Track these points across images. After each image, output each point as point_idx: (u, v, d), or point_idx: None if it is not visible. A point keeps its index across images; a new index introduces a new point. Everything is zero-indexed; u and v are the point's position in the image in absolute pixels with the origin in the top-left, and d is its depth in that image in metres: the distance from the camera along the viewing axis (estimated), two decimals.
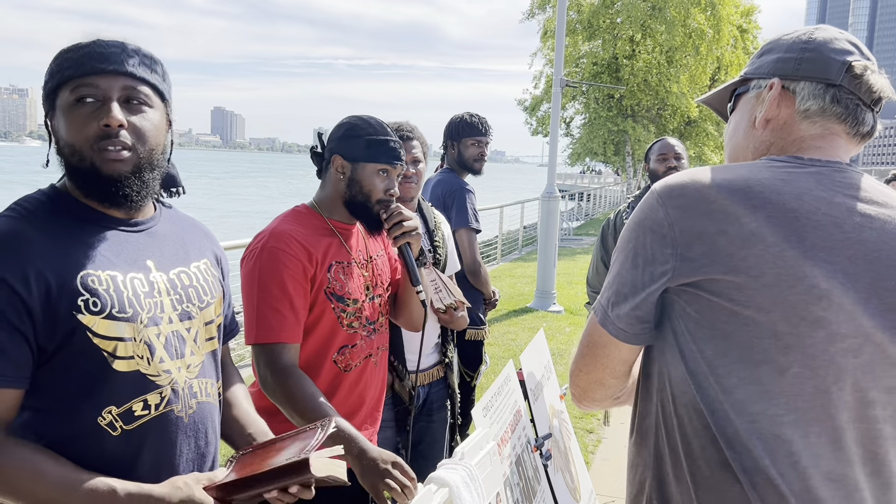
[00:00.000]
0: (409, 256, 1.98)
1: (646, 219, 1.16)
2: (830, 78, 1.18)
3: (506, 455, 1.72)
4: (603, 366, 1.27)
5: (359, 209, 1.96)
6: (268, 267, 1.83)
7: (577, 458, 2.32)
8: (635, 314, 1.18)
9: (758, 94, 1.27)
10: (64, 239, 1.25)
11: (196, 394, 1.37)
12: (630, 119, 26.99)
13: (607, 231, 3.62)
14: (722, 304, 1.09)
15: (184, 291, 1.39)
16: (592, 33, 25.96)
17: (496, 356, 6.49)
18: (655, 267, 1.14)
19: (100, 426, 1.24)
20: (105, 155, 1.25)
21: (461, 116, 3.72)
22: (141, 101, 1.30)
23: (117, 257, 1.30)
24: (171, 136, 1.43)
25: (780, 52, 1.25)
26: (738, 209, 1.08)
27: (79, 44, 1.28)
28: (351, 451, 1.64)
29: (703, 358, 1.12)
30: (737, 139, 1.33)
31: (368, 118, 1.97)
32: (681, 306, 1.14)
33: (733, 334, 1.09)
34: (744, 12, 29.87)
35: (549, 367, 2.32)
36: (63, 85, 1.26)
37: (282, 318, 1.81)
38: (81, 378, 1.23)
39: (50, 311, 1.20)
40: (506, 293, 9.87)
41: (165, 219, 1.46)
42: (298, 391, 1.75)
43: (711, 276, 1.09)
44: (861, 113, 1.20)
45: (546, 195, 9.48)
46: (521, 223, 15.57)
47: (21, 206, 1.28)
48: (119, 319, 1.25)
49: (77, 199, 1.30)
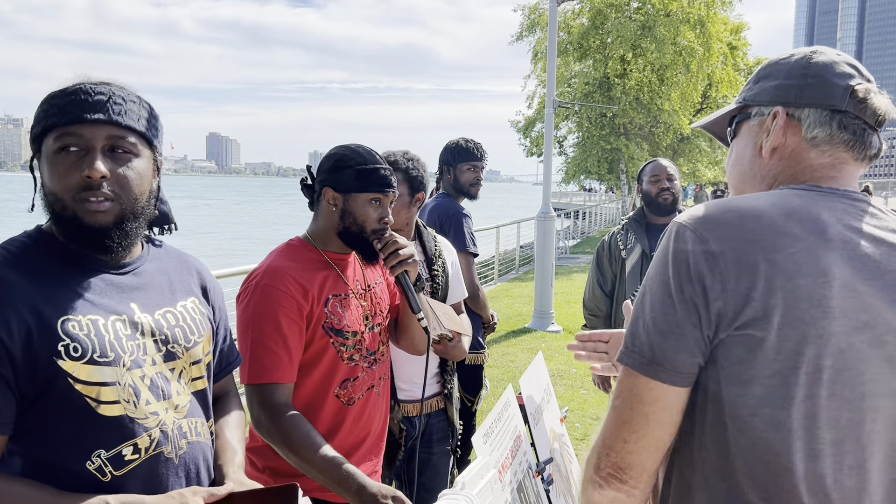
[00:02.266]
0: (408, 284, 1.96)
1: (680, 252, 1.09)
2: (835, 104, 1.16)
3: (507, 482, 1.69)
4: (659, 421, 1.11)
5: (354, 240, 1.94)
6: (262, 305, 1.81)
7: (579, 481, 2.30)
8: (685, 355, 1.09)
9: (760, 122, 1.25)
10: (46, 283, 1.24)
11: (186, 434, 1.35)
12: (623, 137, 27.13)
13: (602, 253, 3.62)
14: (766, 339, 1.04)
15: (169, 332, 1.37)
16: (583, 53, 26.18)
17: (495, 378, 6.46)
18: (700, 301, 1.07)
19: (89, 471, 1.22)
20: (87, 206, 1.24)
21: (457, 142, 3.73)
22: (126, 150, 1.29)
23: (100, 300, 1.28)
24: (159, 182, 1.41)
25: (779, 77, 1.23)
26: (781, 239, 1.06)
27: (65, 89, 1.27)
28: (349, 489, 1.62)
29: (746, 397, 1.07)
30: (741, 167, 1.30)
31: (357, 147, 1.94)
32: (726, 346, 1.08)
33: (780, 371, 1.05)
34: (733, 29, 30.19)
35: (548, 390, 2.30)
36: (48, 132, 1.26)
37: (275, 357, 1.78)
38: (67, 423, 1.21)
39: (30, 356, 1.18)
40: (504, 314, 9.85)
41: (153, 257, 1.44)
42: (293, 431, 1.72)
43: (759, 310, 1.04)
44: (867, 136, 1.18)
45: (542, 215, 9.51)
46: (518, 242, 15.58)
47: (5, 248, 1.27)
48: (101, 364, 1.23)
49: (61, 242, 1.29)
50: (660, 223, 3.49)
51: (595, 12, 25.46)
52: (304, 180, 2.01)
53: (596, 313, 3.62)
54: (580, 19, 26.26)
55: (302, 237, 2.01)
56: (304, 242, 1.98)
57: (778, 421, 1.05)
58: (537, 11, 26.69)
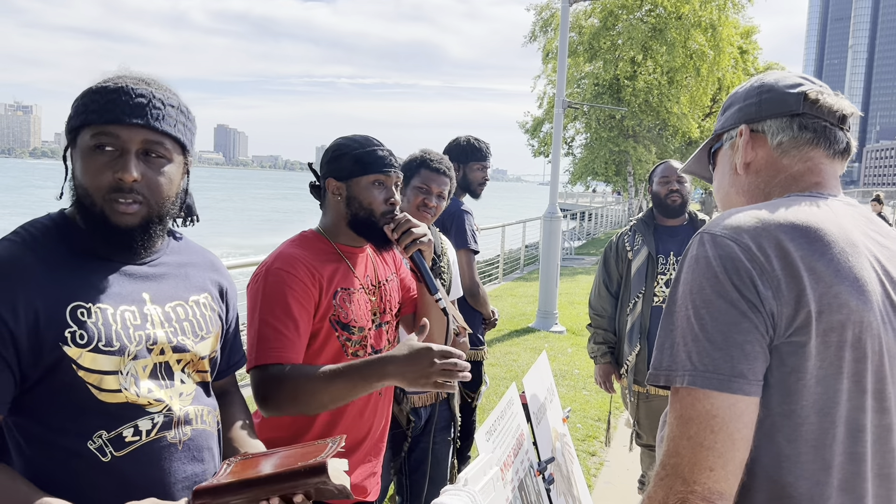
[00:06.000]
0: (423, 264, 1.92)
1: (727, 259, 1.07)
2: (791, 108, 1.25)
3: (508, 480, 1.70)
4: (744, 440, 1.04)
5: (364, 226, 1.90)
6: (272, 288, 1.79)
7: (579, 481, 2.30)
8: (762, 362, 1.06)
9: (731, 144, 1.34)
10: (61, 269, 1.25)
11: (192, 420, 1.36)
12: (631, 139, 27.09)
13: (609, 254, 3.62)
14: (810, 346, 1.04)
15: (178, 325, 1.37)
16: (594, 54, 26.14)
17: (498, 377, 6.46)
18: (761, 307, 1.05)
19: (90, 450, 1.23)
20: (115, 207, 1.26)
21: (467, 139, 3.71)
22: (160, 155, 1.31)
23: (112, 289, 1.29)
24: (188, 182, 1.43)
25: (739, 102, 1.33)
26: (816, 245, 1.08)
27: (106, 86, 1.27)
28: (385, 371, 1.64)
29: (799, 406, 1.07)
30: (724, 188, 1.38)
31: (353, 136, 1.93)
32: (779, 353, 1.06)
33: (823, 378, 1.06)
34: (744, 33, 30.07)
35: (551, 390, 2.31)
36: (85, 127, 1.27)
37: (284, 338, 1.76)
38: (68, 405, 1.23)
39: (36, 340, 1.20)
40: (507, 313, 9.85)
41: (172, 250, 1.45)
42: (302, 380, 1.68)
43: (806, 316, 1.04)
44: (830, 132, 1.25)
45: (548, 215, 9.50)
46: (523, 242, 15.57)
47: (26, 230, 1.29)
48: (104, 353, 1.24)
49: (82, 230, 1.30)
50: (668, 225, 3.49)
51: (607, 13, 25.41)
52: (312, 183, 2.00)
53: (601, 313, 3.63)
54: (591, 20, 26.20)
55: (315, 230, 1.99)
56: (317, 234, 1.97)
57: (823, 428, 1.06)
58: (549, 10, 26.65)
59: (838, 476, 1.07)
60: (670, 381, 1.06)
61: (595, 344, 3.64)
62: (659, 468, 1.07)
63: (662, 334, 1.11)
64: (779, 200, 1.20)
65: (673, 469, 1.04)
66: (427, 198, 2.63)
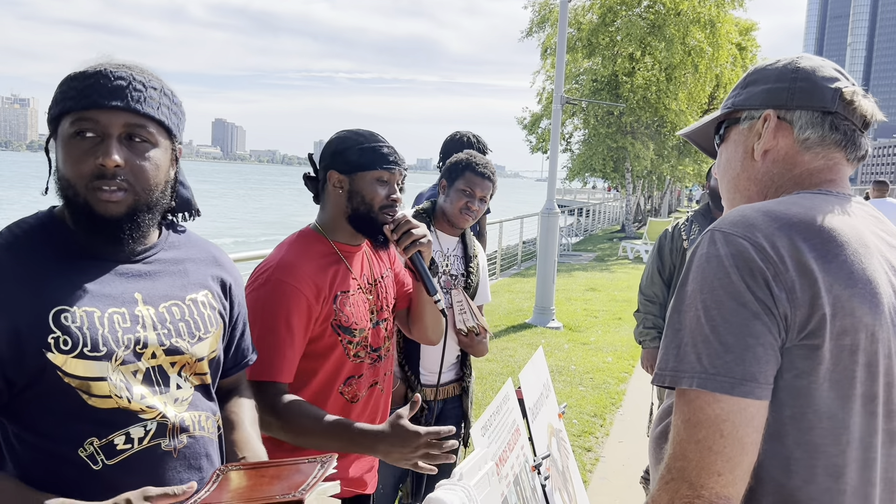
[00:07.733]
0: (422, 265, 1.90)
1: (738, 257, 1.04)
2: (826, 106, 1.18)
3: (504, 475, 1.71)
4: (753, 444, 1.02)
5: (363, 221, 1.88)
6: (274, 301, 1.77)
7: (575, 477, 2.31)
8: (773, 364, 1.04)
9: (751, 126, 1.25)
10: (45, 271, 1.20)
11: (188, 427, 1.30)
12: (629, 136, 27.06)
13: (664, 243, 3.71)
14: (824, 348, 1.02)
15: (173, 326, 1.31)
16: (592, 51, 26.08)
17: (494, 372, 6.48)
18: (773, 308, 1.02)
19: (81, 458, 1.18)
20: (99, 195, 1.20)
21: (466, 135, 3.70)
22: (143, 139, 1.24)
23: (100, 291, 1.23)
24: (177, 170, 1.36)
25: (768, 82, 1.24)
26: (829, 245, 1.06)
27: (84, 72, 1.21)
28: (367, 445, 1.69)
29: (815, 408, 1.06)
30: (733, 171, 1.30)
31: (357, 129, 1.91)
32: (790, 355, 1.04)
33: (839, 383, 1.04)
34: (742, 30, 30.05)
35: (547, 386, 2.31)
36: (65, 115, 1.21)
37: (282, 357, 1.76)
38: (58, 411, 1.18)
39: (18, 347, 1.15)
40: (504, 308, 9.87)
41: (171, 245, 1.39)
42: (306, 420, 1.72)
43: (820, 318, 1.02)
44: (857, 137, 1.20)
45: (546, 211, 9.49)
46: (521, 238, 15.57)
47: (11, 231, 1.24)
48: (90, 358, 1.18)
49: (70, 229, 1.25)
50: None
51: (605, 9, 25.36)
52: (307, 173, 1.97)
53: (653, 299, 3.72)
54: (590, 16, 26.15)
55: (312, 227, 1.96)
56: (314, 233, 1.93)
57: (836, 433, 1.05)
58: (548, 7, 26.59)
59: (850, 482, 1.05)
60: (676, 382, 1.03)
61: (644, 329, 3.72)
62: (664, 471, 1.04)
63: (669, 333, 1.08)
64: (791, 197, 1.16)
65: (679, 473, 1.02)
66: (470, 201, 2.62)
